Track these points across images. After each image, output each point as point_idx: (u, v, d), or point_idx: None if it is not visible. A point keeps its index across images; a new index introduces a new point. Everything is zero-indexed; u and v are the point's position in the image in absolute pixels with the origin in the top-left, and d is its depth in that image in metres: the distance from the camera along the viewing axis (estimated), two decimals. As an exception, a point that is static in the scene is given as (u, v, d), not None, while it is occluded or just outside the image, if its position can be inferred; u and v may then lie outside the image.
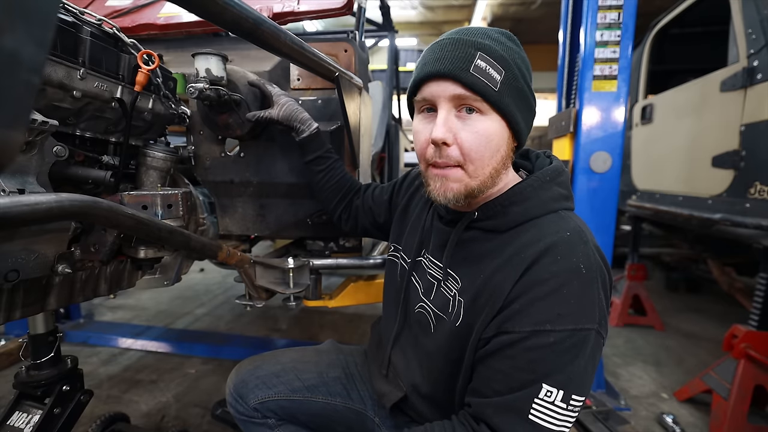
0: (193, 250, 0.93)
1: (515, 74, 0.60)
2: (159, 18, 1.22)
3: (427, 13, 8.94)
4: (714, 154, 1.96)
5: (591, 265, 0.58)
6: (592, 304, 0.57)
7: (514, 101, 0.61)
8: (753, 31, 1.76)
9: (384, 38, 2.97)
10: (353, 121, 1.09)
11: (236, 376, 0.97)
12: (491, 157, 0.62)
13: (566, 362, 0.55)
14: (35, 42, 0.25)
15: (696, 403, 1.85)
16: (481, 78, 0.58)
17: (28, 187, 0.65)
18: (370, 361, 0.95)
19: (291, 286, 1.18)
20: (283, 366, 0.96)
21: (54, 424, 1.05)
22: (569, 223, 0.63)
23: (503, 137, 0.63)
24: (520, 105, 0.62)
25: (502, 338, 0.59)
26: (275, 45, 0.66)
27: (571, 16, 1.94)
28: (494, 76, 0.59)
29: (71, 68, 0.70)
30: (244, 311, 2.89)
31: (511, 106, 0.61)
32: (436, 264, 0.76)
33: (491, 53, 0.59)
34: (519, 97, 0.62)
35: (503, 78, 0.59)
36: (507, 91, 0.60)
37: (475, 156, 0.61)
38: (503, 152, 0.64)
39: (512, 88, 0.60)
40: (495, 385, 0.59)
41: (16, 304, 0.75)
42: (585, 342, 0.56)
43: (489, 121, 0.61)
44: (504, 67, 0.59)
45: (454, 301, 0.69)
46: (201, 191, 1.23)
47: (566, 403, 0.55)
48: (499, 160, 0.63)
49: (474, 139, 0.61)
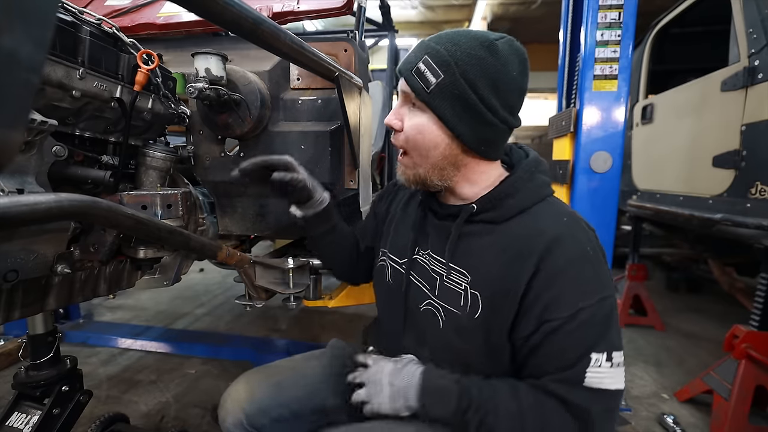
0: (192, 250, 0.93)
1: (455, 81, 0.65)
2: (158, 17, 1.22)
3: (427, 12, 8.93)
4: (715, 153, 1.96)
5: (593, 244, 0.67)
6: (605, 275, 0.66)
7: (449, 105, 0.66)
8: (754, 31, 1.76)
9: (384, 38, 2.97)
10: (353, 121, 1.09)
11: (248, 395, 0.82)
12: (428, 150, 0.71)
13: (604, 330, 0.63)
14: (34, 41, 0.24)
15: (697, 403, 1.85)
16: (417, 79, 0.67)
17: (27, 187, 0.65)
18: None
19: (291, 286, 1.18)
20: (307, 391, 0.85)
21: (53, 424, 1.05)
22: (560, 208, 0.71)
23: (439, 136, 0.69)
24: (458, 110, 0.66)
25: (545, 327, 0.64)
26: (275, 45, 0.65)
27: (571, 15, 1.94)
28: (430, 78, 0.66)
29: (70, 68, 0.70)
30: (244, 311, 2.89)
31: (443, 108, 0.67)
32: (437, 259, 0.77)
33: (435, 58, 0.65)
34: (457, 103, 0.66)
35: (439, 81, 0.65)
36: (440, 94, 0.66)
37: (411, 145, 0.72)
38: (443, 151, 0.70)
39: (447, 92, 0.65)
40: (548, 368, 0.64)
41: (15, 304, 0.75)
42: (611, 307, 0.64)
43: (423, 117, 0.70)
44: (444, 71, 0.65)
45: (467, 294, 0.70)
46: (201, 191, 1.23)
47: (610, 362, 0.62)
48: (438, 156, 0.71)
49: (409, 129, 0.71)
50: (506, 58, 0.66)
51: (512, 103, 0.69)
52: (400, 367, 0.72)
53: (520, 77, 0.68)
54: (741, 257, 2.94)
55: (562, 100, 2.01)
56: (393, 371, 0.71)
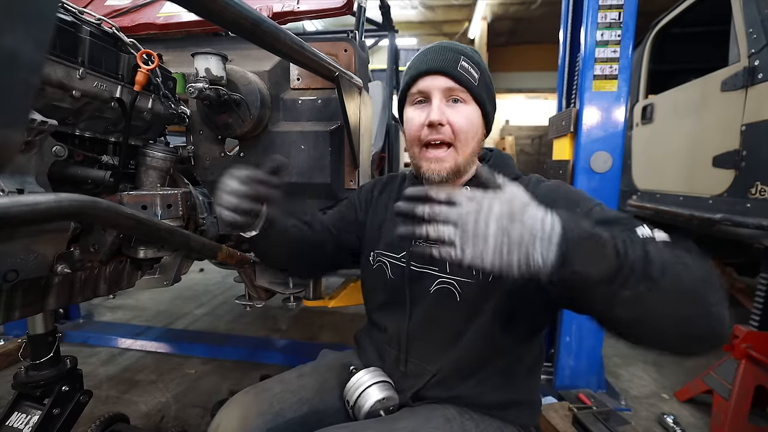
0: (192, 250, 0.93)
1: (485, 75, 0.80)
2: (158, 17, 1.22)
3: (427, 12, 8.93)
4: (715, 154, 1.96)
5: (563, 182, 0.78)
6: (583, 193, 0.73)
7: (486, 94, 0.80)
8: (754, 31, 1.76)
9: (384, 38, 2.97)
10: (353, 121, 1.09)
11: (240, 423, 0.76)
12: (473, 138, 0.79)
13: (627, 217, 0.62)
14: (34, 42, 0.24)
15: (697, 403, 1.85)
16: (465, 75, 0.76)
17: (27, 187, 0.65)
18: None
19: (291, 286, 1.18)
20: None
21: (53, 424, 1.05)
22: (530, 176, 0.82)
23: (480, 123, 0.81)
24: (490, 98, 0.81)
25: (581, 210, 0.66)
26: (275, 45, 0.66)
27: (571, 15, 1.94)
28: (474, 74, 0.77)
29: (70, 68, 0.70)
30: (244, 311, 2.89)
31: (484, 97, 0.79)
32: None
33: (470, 58, 0.78)
34: (489, 92, 0.81)
35: (480, 76, 0.78)
36: (482, 86, 0.79)
37: (462, 135, 0.77)
38: (479, 136, 0.81)
39: (485, 84, 0.79)
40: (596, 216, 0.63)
41: (15, 304, 0.75)
42: None
43: (471, 108, 0.78)
44: (479, 69, 0.79)
45: None
46: (201, 191, 1.23)
47: (651, 230, 0.57)
48: (477, 141, 0.81)
49: (462, 120, 0.77)
50: None
51: None
52: (520, 207, 0.48)
53: None
54: (741, 257, 2.94)
55: (562, 100, 2.01)
56: (506, 213, 0.48)
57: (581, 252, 0.46)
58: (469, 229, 0.48)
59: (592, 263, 0.46)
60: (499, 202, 0.48)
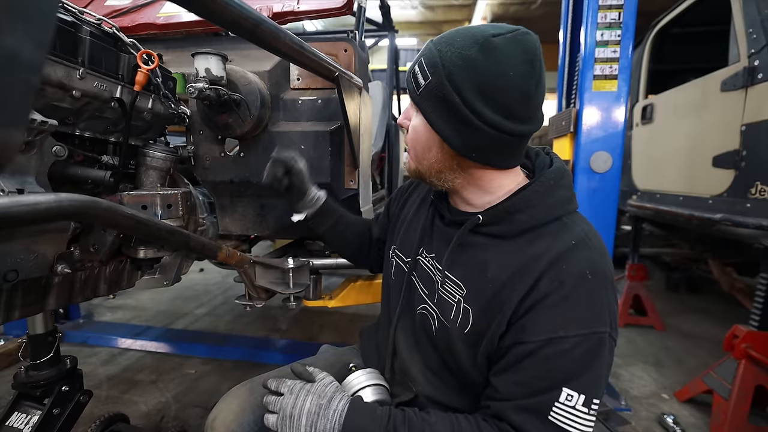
0: (192, 250, 0.93)
1: (441, 83, 0.61)
2: (158, 17, 1.22)
3: (427, 12, 8.94)
4: (715, 154, 1.96)
5: (597, 270, 0.59)
6: (602, 307, 0.58)
7: (434, 107, 0.63)
8: (754, 31, 1.76)
9: (384, 38, 2.97)
10: (353, 121, 1.09)
11: (237, 415, 0.78)
12: (423, 151, 0.70)
13: (584, 366, 0.56)
14: (34, 42, 0.24)
15: (697, 403, 1.85)
16: (411, 81, 0.66)
17: (27, 187, 0.65)
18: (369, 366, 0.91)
19: (291, 286, 1.18)
20: None
21: (53, 424, 1.05)
22: (574, 230, 0.64)
23: (431, 139, 0.67)
24: (443, 113, 0.63)
25: (519, 349, 0.59)
26: (275, 45, 0.65)
27: (571, 15, 1.94)
28: (420, 81, 0.64)
29: (70, 68, 0.70)
30: (244, 311, 2.89)
31: (429, 111, 0.64)
32: (435, 266, 0.76)
33: (428, 59, 0.63)
34: (442, 105, 0.62)
35: (427, 83, 0.63)
36: (427, 96, 0.64)
37: (411, 144, 0.72)
38: (436, 154, 0.68)
39: (433, 95, 0.63)
40: (515, 393, 0.59)
41: (15, 304, 0.75)
42: (600, 345, 0.57)
43: (418, 119, 0.68)
44: (432, 73, 0.62)
45: (459, 307, 0.68)
46: (201, 191, 1.23)
47: (587, 407, 0.56)
48: (433, 159, 0.69)
49: (410, 129, 0.71)
50: (502, 58, 0.58)
51: (509, 106, 0.60)
52: (324, 404, 0.63)
53: (521, 78, 0.59)
54: (741, 257, 2.94)
55: (562, 100, 2.02)
56: (314, 410, 0.63)
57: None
58: (286, 416, 0.64)
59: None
60: (313, 397, 0.65)
